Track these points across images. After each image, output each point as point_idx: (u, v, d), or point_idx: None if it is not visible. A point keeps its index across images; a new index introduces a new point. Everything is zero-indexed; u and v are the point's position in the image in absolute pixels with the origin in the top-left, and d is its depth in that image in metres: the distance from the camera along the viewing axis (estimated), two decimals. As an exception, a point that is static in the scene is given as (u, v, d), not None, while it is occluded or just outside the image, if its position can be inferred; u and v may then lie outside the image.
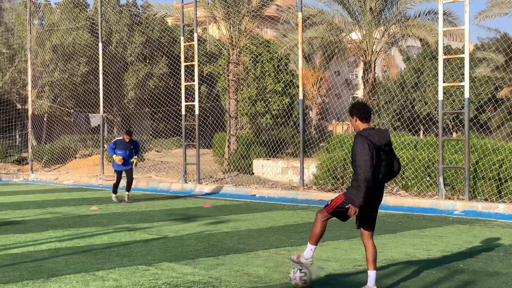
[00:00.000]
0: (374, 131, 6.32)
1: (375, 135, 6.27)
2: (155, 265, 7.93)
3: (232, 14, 22.98)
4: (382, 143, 6.27)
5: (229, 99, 23.70)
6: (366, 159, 6.11)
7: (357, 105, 6.49)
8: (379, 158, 6.25)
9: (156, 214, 13.68)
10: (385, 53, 28.45)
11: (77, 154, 29.33)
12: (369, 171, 6.10)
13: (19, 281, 7.02)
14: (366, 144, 6.16)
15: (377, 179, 6.24)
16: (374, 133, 6.28)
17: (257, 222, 12.15)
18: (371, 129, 6.35)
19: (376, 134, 6.28)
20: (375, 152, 6.19)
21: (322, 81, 41.87)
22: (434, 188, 16.08)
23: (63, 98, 32.43)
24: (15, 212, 14.00)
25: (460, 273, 7.47)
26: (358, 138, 6.26)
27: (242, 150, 23.13)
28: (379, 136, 6.28)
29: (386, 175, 6.41)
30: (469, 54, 15.20)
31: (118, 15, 35.68)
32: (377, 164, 6.23)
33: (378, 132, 6.32)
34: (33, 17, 29.18)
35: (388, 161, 6.39)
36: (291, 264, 7.99)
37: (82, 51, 32.29)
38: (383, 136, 6.31)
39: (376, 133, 6.29)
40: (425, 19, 24.06)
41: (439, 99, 15.56)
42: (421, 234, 10.62)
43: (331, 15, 24.75)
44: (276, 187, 18.90)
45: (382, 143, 6.27)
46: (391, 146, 6.42)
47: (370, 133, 6.28)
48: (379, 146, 6.25)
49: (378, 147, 6.24)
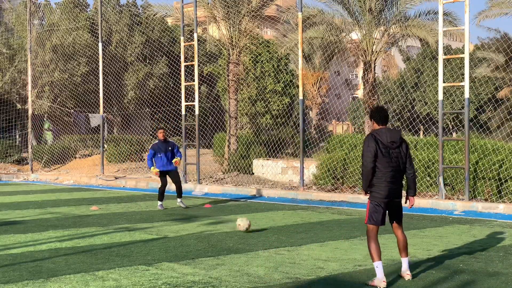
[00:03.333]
0: (383, 130, 7.08)
1: (384, 133, 7.03)
2: (155, 265, 7.93)
3: (232, 14, 22.98)
4: (389, 141, 6.99)
5: (229, 99, 23.69)
6: (368, 154, 6.94)
7: (376, 110, 7.26)
8: (387, 154, 6.99)
9: (156, 214, 13.67)
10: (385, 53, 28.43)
11: (77, 154, 29.33)
12: (370, 164, 6.93)
13: (19, 281, 7.02)
14: (371, 142, 6.98)
15: (389, 174, 6.98)
16: (383, 132, 7.05)
17: (257, 222, 12.15)
18: (382, 129, 7.10)
19: (385, 133, 7.03)
20: (381, 149, 6.97)
21: (322, 81, 41.87)
22: (434, 188, 16.08)
23: (63, 98, 32.42)
24: (15, 212, 14.00)
25: (460, 273, 7.47)
26: (367, 136, 7.08)
27: (242, 150, 23.13)
28: (388, 135, 7.02)
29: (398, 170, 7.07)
30: (469, 54, 15.20)
31: (118, 15, 35.67)
32: (385, 160, 6.97)
33: (387, 131, 7.05)
34: (33, 17, 29.17)
35: (398, 158, 7.07)
36: (291, 264, 8.00)
37: (82, 51, 32.28)
38: (391, 134, 7.03)
39: (385, 132, 7.04)
40: (425, 19, 24.04)
41: (439, 99, 15.56)
42: (421, 234, 10.62)
43: (331, 15, 24.72)
44: (276, 187, 18.90)
45: (389, 140, 6.99)
46: (402, 145, 7.10)
47: (379, 132, 7.07)
48: (387, 144, 6.99)
49: (385, 145, 6.99)
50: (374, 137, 7.01)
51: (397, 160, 7.03)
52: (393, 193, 7.02)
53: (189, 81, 22.16)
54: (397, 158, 7.03)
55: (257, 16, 23.62)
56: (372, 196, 7.04)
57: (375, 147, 6.93)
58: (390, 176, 6.97)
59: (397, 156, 7.04)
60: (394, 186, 7.01)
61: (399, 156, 7.06)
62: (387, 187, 6.96)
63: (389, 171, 6.96)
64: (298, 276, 7.33)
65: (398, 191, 7.09)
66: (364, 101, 23.63)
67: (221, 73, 30.11)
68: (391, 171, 6.98)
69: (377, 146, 6.94)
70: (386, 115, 7.18)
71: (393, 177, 6.99)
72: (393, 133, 7.06)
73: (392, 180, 6.98)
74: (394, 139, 7.01)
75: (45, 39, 31.13)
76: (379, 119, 7.15)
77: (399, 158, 7.05)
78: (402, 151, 7.09)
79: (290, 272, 7.53)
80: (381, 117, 7.15)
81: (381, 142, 6.97)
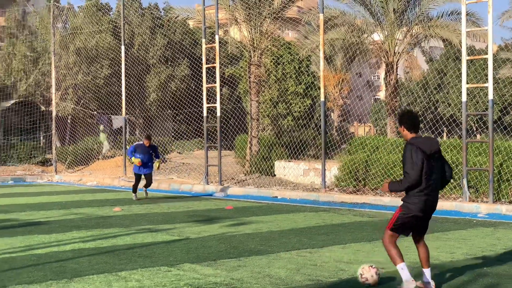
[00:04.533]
0: (423, 139, 6.62)
1: (424, 143, 6.56)
2: (177, 266, 7.96)
3: (254, 16, 23.00)
4: (432, 151, 6.55)
5: (250, 101, 23.71)
6: (416, 167, 6.42)
7: (406, 116, 6.76)
8: (429, 165, 6.53)
9: (178, 215, 13.72)
10: (408, 54, 28.26)
11: (100, 155, 29.54)
12: (417, 177, 6.42)
13: (43, 281, 7.09)
14: (418, 152, 6.46)
15: (430, 187, 6.54)
16: (423, 141, 6.57)
17: (278, 223, 12.14)
18: (420, 137, 6.65)
19: (425, 142, 6.57)
20: (425, 160, 6.47)
21: (343, 82, 41.72)
22: (458, 190, 15.94)
23: (86, 100, 32.70)
24: (39, 213, 14.14)
25: (484, 276, 7.40)
26: (408, 146, 6.56)
27: (263, 151, 23.12)
28: (428, 144, 6.57)
29: (438, 182, 6.67)
30: (492, 54, 15.04)
31: (140, 18, 35.90)
32: (429, 171, 6.51)
33: (426, 140, 6.61)
34: (56, 20, 29.47)
35: (439, 168, 6.66)
36: (312, 266, 7.97)
37: (105, 53, 32.53)
38: (432, 144, 6.60)
39: (425, 141, 6.58)
40: (448, 20, 23.89)
41: (463, 101, 15.42)
42: (445, 237, 10.53)
43: (352, 16, 24.66)
44: (298, 189, 18.86)
45: (432, 151, 6.55)
46: (440, 153, 6.71)
47: (420, 141, 6.57)
48: (429, 154, 6.53)
49: (428, 155, 6.51)
50: (417, 146, 6.49)
51: (438, 171, 6.64)
52: (430, 206, 6.63)
53: (210, 83, 22.22)
54: (437, 169, 6.62)
55: (279, 17, 23.62)
56: (406, 207, 6.58)
57: (422, 158, 6.45)
58: (430, 188, 6.55)
59: (439, 167, 6.65)
60: (431, 199, 6.60)
61: (440, 166, 6.67)
62: (425, 201, 6.53)
63: (430, 184, 6.53)
64: (320, 278, 7.31)
65: (434, 204, 6.69)
66: (386, 103, 23.52)
67: (242, 75, 30.15)
68: (433, 183, 6.57)
69: (423, 157, 6.47)
70: (419, 122, 6.76)
71: (433, 190, 6.59)
72: (433, 142, 6.65)
73: (431, 193, 6.58)
74: (436, 149, 6.59)
75: (69, 42, 31.44)
76: (412, 126, 6.68)
77: (440, 168, 6.66)
78: (441, 160, 6.71)
79: (311, 274, 7.51)
80: (414, 124, 6.69)
81: (424, 153, 6.49)
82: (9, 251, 9.09)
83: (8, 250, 9.13)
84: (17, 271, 7.65)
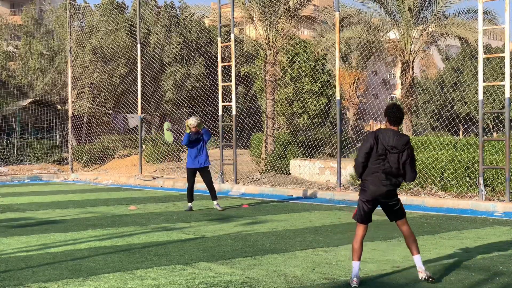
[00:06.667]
0: (391, 132, 6.82)
1: (389, 136, 6.79)
2: (192, 264, 7.98)
3: (269, 15, 22.98)
4: (390, 145, 6.76)
5: (266, 100, 23.70)
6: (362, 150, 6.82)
7: (391, 110, 6.93)
8: (382, 156, 6.78)
9: (193, 214, 13.75)
10: (424, 53, 28.09)
11: (116, 154, 29.69)
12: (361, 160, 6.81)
13: (59, 280, 7.13)
14: (370, 139, 6.81)
15: (378, 174, 6.80)
16: (387, 133, 6.81)
17: (294, 222, 12.13)
18: (388, 130, 6.85)
19: (390, 136, 6.79)
20: (379, 150, 6.78)
21: (359, 81, 41.57)
22: (474, 189, 15.83)
23: (102, 99, 32.86)
24: (55, 211, 14.24)
25: (500, 275, 7.34)
26: (370, 133, 6.95)
27: (279, 150, 23.10)
28: (392, 139, 6.77)
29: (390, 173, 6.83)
30: (509, 52, 14.92)
31: (156, 17, 36.01)
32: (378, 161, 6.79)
33: (394, 135, 6.79)
34: (72, 19, 29.64)
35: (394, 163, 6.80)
36: (328, 264, 7.96)
37: (121, 52, 32.67)
38: (397, 139, 6.77)
39: (391, 135, 6.79)
40: (465, 18, 23.72)
41: (479, 99, 15.31)
42: (461, 235, 10.46)
43: (368, 14, 24.57)
44: (313, 188, 18.83)
45: (390, 144, 6.76)
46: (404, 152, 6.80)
47: (385, 132, 6.83)
48: (387, 147, 6.77)
49: (385, 147, 6.78)
50: (376, 136, 6.81)
51: (391, 165, 6.80)
52: (380, 194, 6.86)
53: (226, 82, 22.24)
54: (391, 163, 6.80)
55: (294, 16, 23.57)
56: (361, 192, 6.96)
57: (370, 146, 6.78)
58: (380, 177, 6.80)
59: (393, 161, 6.79)
60: (383, 187, 6.83)
61: (395, 161, 6.80)
62: (375, 187, 6.82)
63: (379, 172, 6.80)
64: (336, 277, 7.29)
65: (388, 192, 6.88)
66: (402, 101, 23.40)
67: (258, 74, 30.13)
68: (382, 172, 6.80)
69: (375, 146, 6.77)
70: (401, 117, 6.89)
71: (384, 178, 6.81)
72: (400, 139, 6.79)
73: (381, 182, 6.81)
74: (397, 145, 6.77)
75: (85, 40, 31.60)
76: (393, 119, 6.89)
77: (394, 163, 6.80)
78: (401, 158, 6.81)
79: (327, 272, 7.50)
80: (395, 118, 6.88)
81: (381, 143, 6.78)
82: (25, 249, 9.16)
83: (24, 249, 9.20)
84: (33, 269, 7.70)
